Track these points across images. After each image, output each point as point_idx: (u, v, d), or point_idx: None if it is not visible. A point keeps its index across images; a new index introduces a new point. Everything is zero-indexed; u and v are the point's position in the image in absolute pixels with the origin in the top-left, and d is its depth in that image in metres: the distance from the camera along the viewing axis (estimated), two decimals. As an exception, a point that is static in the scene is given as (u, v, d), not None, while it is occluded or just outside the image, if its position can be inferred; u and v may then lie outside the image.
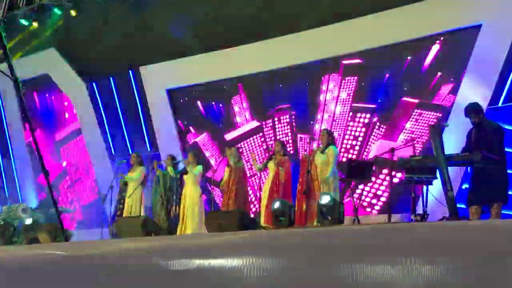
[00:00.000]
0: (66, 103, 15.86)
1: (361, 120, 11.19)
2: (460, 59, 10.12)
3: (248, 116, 12.72)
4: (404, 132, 10.59)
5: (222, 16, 12.72)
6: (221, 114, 13.15)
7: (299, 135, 11.95)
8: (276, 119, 12.28)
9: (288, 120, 12.10)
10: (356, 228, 3.54)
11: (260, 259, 2.93)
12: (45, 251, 4.72)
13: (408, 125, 10.60)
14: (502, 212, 7.12)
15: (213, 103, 13.25)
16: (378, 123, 10.99)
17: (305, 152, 10.00)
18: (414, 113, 10.56)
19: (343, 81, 11.45)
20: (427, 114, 10.39)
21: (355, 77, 11.34)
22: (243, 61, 12.50)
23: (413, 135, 10.31)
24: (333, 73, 11.58)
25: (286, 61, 12.08)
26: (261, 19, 12.25)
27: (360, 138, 11.12)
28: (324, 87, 11.68)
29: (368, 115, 11.12)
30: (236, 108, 12.90)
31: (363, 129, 11.11)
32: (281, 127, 12.16)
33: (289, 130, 12.07)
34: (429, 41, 10.55)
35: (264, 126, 12.42)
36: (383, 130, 10.89)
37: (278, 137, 11.94)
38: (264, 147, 12.27)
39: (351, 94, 11.32)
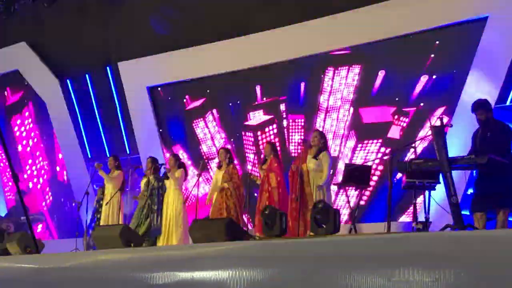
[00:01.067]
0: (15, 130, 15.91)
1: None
2: (464, 55, 10.15)
3: (223, 136, 12.82)
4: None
5: (207, 7, 12.72)
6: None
7: (289, 116, 11.99)
8: (258, 133, 12.31)
9: (275, 131, 12.10)
10: (350, 238, 3.57)
11: (247, 271, 2.95)
12: (15, 263, 4.72)
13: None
14: (510, 219, 7.18)
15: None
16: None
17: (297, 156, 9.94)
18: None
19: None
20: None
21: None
22: (231, 56, 12.51)
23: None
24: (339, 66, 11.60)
25: (279, 55, 12.11)
26: (250, 10, 12.26)
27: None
28: (326, 85, 11.67)
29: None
30: (200, 133, 12.98)
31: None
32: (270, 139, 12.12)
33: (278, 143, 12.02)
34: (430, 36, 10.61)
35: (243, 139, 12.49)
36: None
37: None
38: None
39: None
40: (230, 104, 12.83)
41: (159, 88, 13.73)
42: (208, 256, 3.41)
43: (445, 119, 9.58)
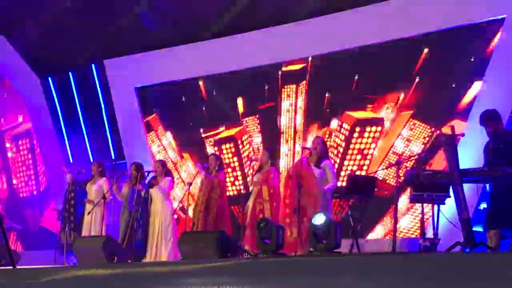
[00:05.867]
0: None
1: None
2: (479, 58, 10.16)
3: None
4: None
5: (202, 2, 12.70)
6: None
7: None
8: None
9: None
10: (350, 258, 3.57)
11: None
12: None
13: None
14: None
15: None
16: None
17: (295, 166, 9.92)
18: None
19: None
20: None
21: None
22: (227, 55, 12.50)
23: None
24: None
25: (280, 55, 12.12)
26: (248, 6, 12.24)
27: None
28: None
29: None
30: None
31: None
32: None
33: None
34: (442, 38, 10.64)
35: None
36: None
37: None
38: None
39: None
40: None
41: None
42: (196, 273, 3.41)
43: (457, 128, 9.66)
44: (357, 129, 11.19)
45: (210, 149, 12.76)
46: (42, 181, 15.11)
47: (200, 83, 13.07)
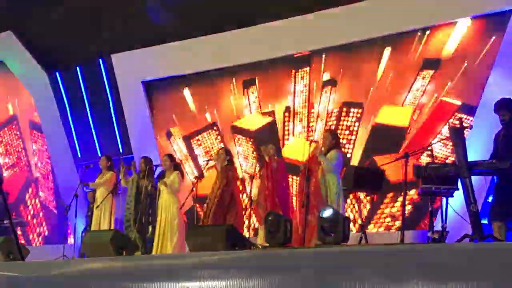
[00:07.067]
0: None
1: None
2: (487, 50, 10.14)
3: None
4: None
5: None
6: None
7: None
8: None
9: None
10: (358, 249, 3.58)
11: (245, 282, 2.96)
12: (-4, 271, 4.73)
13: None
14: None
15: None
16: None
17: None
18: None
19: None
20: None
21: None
22: (233, 49, 12.50)
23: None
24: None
25: (285, 48, 12.13)
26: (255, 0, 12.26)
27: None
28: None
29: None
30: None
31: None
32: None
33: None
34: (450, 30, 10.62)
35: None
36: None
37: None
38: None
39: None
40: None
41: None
42: (203, 265, 3.42)
43: (465, 120, 9.64)
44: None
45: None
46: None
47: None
